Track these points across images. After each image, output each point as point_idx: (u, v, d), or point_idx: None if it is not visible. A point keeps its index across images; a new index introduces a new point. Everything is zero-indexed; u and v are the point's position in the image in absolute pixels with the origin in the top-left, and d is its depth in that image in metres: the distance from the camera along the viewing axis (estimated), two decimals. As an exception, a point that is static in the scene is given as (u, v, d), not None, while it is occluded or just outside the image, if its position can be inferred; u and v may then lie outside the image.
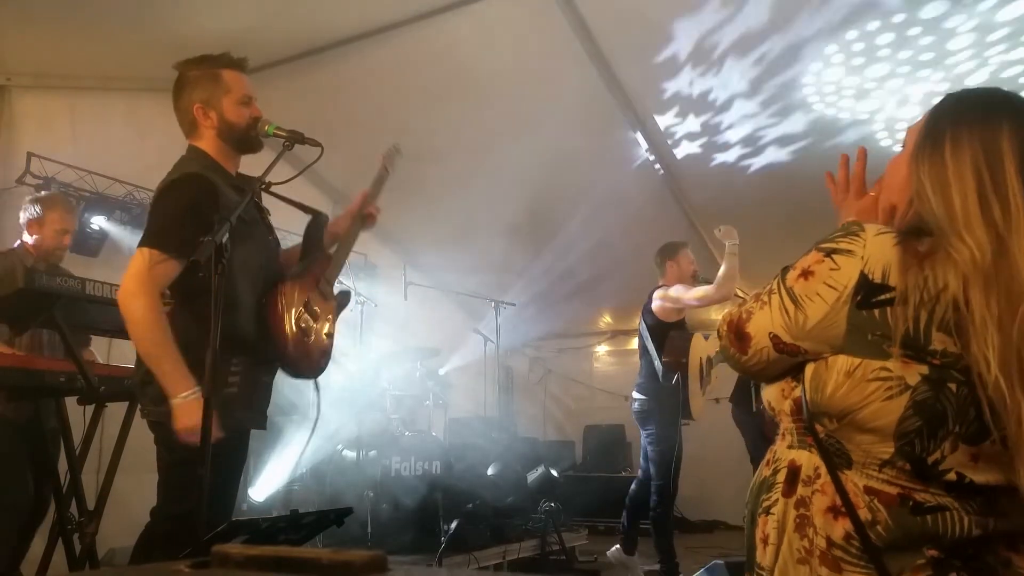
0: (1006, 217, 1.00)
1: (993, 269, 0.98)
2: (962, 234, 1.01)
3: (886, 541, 1.01)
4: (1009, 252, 0.98)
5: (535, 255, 6.35)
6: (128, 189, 4.78)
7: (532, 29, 4.54)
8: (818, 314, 1.06)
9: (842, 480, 1.05)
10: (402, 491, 4.28)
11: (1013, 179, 1.01)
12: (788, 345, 1.10)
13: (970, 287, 0.98)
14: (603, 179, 5.63)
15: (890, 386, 1.01)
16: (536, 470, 5.25)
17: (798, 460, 1.12)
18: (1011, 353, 0.95)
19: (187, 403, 1.90)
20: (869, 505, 1.03)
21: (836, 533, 1.04)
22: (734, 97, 4.77)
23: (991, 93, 1.13)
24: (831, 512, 1.05)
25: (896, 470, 1.02)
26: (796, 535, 1.07)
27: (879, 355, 1.02)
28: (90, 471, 3.02)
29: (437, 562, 3.86)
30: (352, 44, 4.74)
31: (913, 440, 1.00)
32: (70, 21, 4.05)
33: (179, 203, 2.01)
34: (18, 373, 2.36)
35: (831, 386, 1.05)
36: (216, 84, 2.16)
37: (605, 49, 4.61)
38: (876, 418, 1.02)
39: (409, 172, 5.78)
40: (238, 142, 2.19)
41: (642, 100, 5.02)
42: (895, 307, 1.01)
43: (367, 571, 0.61)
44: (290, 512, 1.90)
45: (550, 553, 4.66)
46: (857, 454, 1.05)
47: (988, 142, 1.04)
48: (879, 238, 1.06)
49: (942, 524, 1.00)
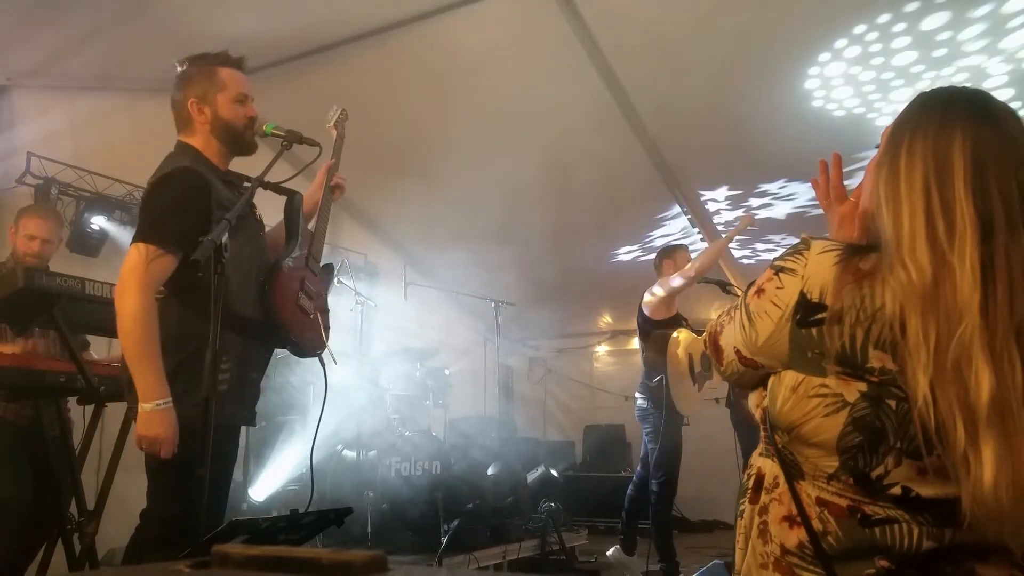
0: (950, 237, 0.97)
1: (933, 292, 0.96)
2: (904, 257, 0.99)
3: (837, 552, 1.02)
4: (951, 275, 0.96)
5: (535, 255, 6.35)
6: (128, 189, 4.78)
7: (533, 29, 4.54)
8: (766, 332, 1.09)
9: (797, 490, 1.06)
10: (402, 491, 4.28)
11: (962, 195, 0.98)
12: (748, 359, 1.14)
13: (907, 310, 0.97)
14: (603, 179, 5.63)
15: (829, 402, 1.02)
16: (536, 470, 5.26)
17: (763, 468, 1.15)
18: (946, 377, 0.94)
19: (156, 412, 1.87)
20: (820, 516, 1.04)
21: (790, 541, 1.05)
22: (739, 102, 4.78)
23: (952, 95, 1.09)
24: (786, 521, 1.07)
25: (842, 483, 1.03)
26: (759, 541, 1.10)
27: (819, 372, 1.03)
28: (90, 471, 3.02)
29: (437, 562, 3.86)
30: (352, 44, 4.74)
31: (855, 455, 1.00)
32: (70, 21, 4.05)
33: (172, 197, 2.01)
34: (18, 373, 2.36)
35: (779, 401, 1.07)
36: (212, 80, 2.17)
37: (606, 50, 4.61)
38: (818, 433, 1.03)
39: (409, 172, 5.81)
40: (231, 140, 2.20)
41: (642, 100, 5.02)
42: (829, 326, 1.01)
43: (367, 571, 0.61)
44: (290, 512, 1.90)
45: (550, 553, 4.66)
46: (807, 466, 1.07)
47: (940, 154, 1.01)
48: (821, 256, 1.06)
49: (891, 536, 1.00)
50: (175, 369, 1.96)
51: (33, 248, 3.16)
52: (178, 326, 1.98)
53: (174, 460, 1.91)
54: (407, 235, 6.99)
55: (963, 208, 0.98)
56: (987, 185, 0.98)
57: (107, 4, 3.99)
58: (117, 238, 4.63)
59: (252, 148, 2.25)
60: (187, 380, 1.95)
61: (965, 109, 1.05)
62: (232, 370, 2.06)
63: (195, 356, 1.93)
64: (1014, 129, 1.04)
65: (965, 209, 0.98)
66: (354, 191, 6.53)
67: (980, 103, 1.07)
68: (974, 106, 1.06)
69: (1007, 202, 0.97)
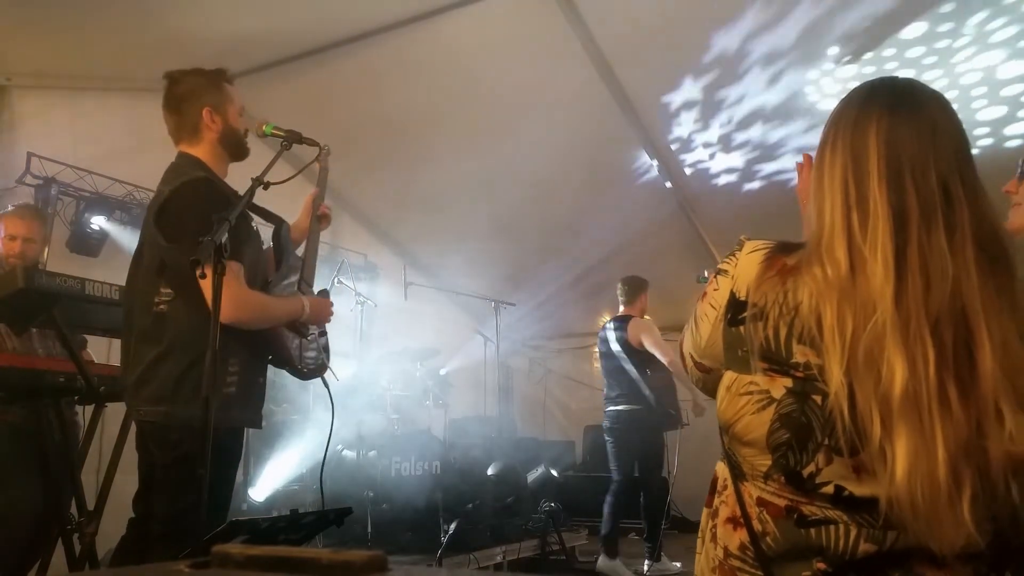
0: (864, 230, 0.97)
1: (849, 284, 0.96)
2: (823, 251, 1.00)
3: (775, 552, 1.00)
4: (865, 267, 0.96)
5: (535, 255, 6.35)
6: (128, 189, 4.78)
7: (533, 29, 4.54)
8: (706, 333, 1.11)
9: (741, 491, 1.05)
10: (402, 491, 4.28)
11: (875, 188, 0.98)
12: (699, 364, 1.16)
13: (822, 304, 0.97)
14: (603, 179, 5.64)
15: (757, 399, 1.01)
16: (536, 470, 5.26)
17: (718, 471, 1.15)
18: (860, 369, 0.93)
19: (314, 305, 2.24)
20: (759, 517, 1.02)
21: (733, 543, 1.04)
22: (742, 101, 4.77)
23: (873, 87, 1.08)
24: (730, 523, 1.06)
25: (777, 483, 1.01)
26: (712, 544, 1.09)
27: (749, 370, 1.03)
28: (90, 471, 3.02)
29: (437, 562, 3.86)
30: (352, 44, 4.74)
31: (785, 452, 0.99)
32: (70, 21, 4.05)
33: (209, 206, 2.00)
34: (18, 373, 2.36)
35: (718, 400, 1.08)
36: (222, 92, 2.25)
37: (606, 50, 4.61)
38: (749, 431, 1.02)
39: (409, 172, 5.81)
40: (235, 149, 2.27)
41: (642, 101, 5.02)
42: (753, 322, 1.02)
43: (367, 571, 0.61)
44: (290, 512, 1.90)
45: (550, 553, 4.66)
46: (746, 466, 1.06)
47: (857, 148, 1.01)
48: (750, 256, 1.07)
49: (826, 537, 0.98)
50: (184, 371, 1.98)
51: (15, 249, 3.13)
52: (187, 329, 1.99)
53: (183, 455, 1.93)
54: (407, 235, 6.99)
55: (876, 201, 0.98)
56: (901, 178, 0.98)
57: (107, 4, 3.99)
58: (117, 238, 4.63)
59: (247, 154, 2.33)
60: (194, 382, 1.96)
61: (884, 100, 1.04)
62: (239, 374, 2.08)
63: (201, 359, 1.93)
64: (936, 118, 1.02)
65: (879, 202, 0.97)
66: (354, 191, 6.57)
67: (900, 93, 1.05)
68: (893, 96, 1.05)
69: (922, 194, 0.97)
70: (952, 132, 1.02)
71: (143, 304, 2.07)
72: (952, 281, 0.93)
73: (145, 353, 2.03)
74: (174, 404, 1.98)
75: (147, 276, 2.08)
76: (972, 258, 0.95)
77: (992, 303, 0.94)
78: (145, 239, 2.15)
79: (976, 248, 0.96)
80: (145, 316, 2.05)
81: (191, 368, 1.98)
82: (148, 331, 2.04)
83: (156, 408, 1.99)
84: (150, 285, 2.06)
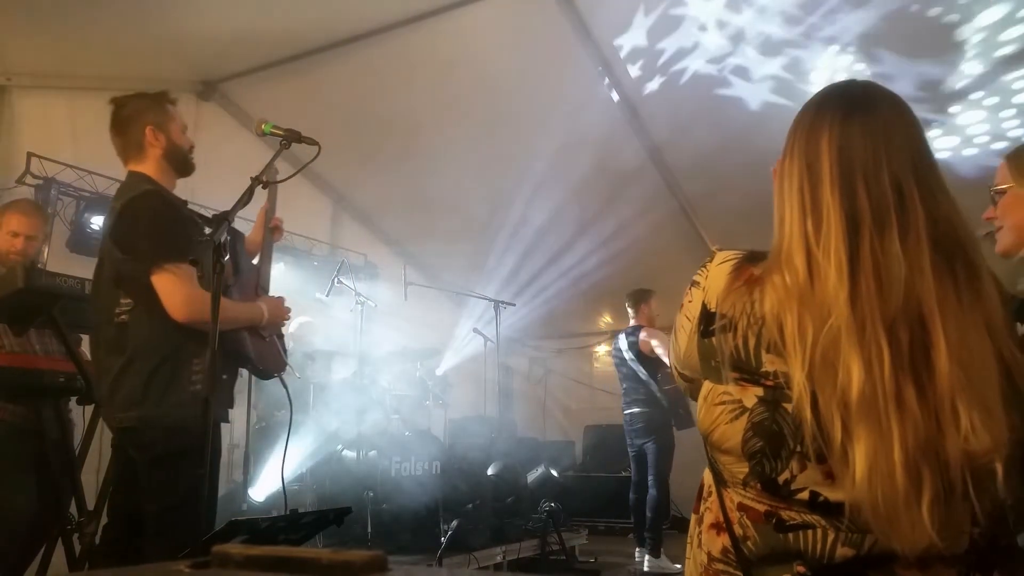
0: (818, 236, 0.99)
1: (808, 290, 0.97)
2: (782, 260, 1.01)
3: (755, 556, 1.01)
4: (820, 272, 0.97)
5: (535, 255, 6.35)
6: (128, 189, 4.78)
7: (533, 29, 4.54)
8: (683, 345, 1.13)
9: (723, 497, 1.06)
10: (402, 491, 4.28)
11: (828, 195, 1.00)
12: (681, 373, 1.19)
13: (783, 311, 0.98)
14: (604, 180, 5.63)
15: (731, 409, 1.02)
16: (536, 470, 5.25)
17: (704, 478, 1.15)
18: (820, 373, 0.94)
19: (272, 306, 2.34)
20: (740, 522, 1.03)
21: (716, 548, 1.05)
22: (739, 97, 4.78)
23: (827, 93, 1.10)
24: (714, 528, 1.07)
25: (755, 490, 1.02)
26: (698, 550, 1.10)
27: (722, 380, 1.04)
28: (90, 471, 3.02)
29: (437, 562, 3.86)
30: (352, 44, 4.74)
31: (761, 460, 1.00)
32: (70, 21, 4.05)
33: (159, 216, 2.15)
34: (18, 373, 2.36)
35: (697, 410, 1.09)
36: (164, 111, 2.33)
37: (606, 50, 4.61)
38: (725, 440, 1.03)
39: (409, 172, 5.81)
40: (180, 164, 2.36)
41: (643, 100, 5.02)
42: (723, 333, 1.03)
43: (367, 571, 0.61)
44: (289, 512, 1.91)
45: (550, 553, 4.66)
46: (726, 473, 1.06)
47: (811, 155, 1.03)
48: (720, 267, 1.08)
49: (803, 541, 0.98)
50: (149, 376, 2.06)
51: (17, 245, 3.12)
52: (148, 336, 2.07)
53: (161, 454, 2.03)
54: (407, 235, 6.99)
55: (829, 207, 0.99)
56: (853, 183, 0.99)
57: (107, 4, 3.99)
58: (117, 238, 4.63)
59: (192, 169, 2.42)
60: (161, 384, 2.06)
61: (836, 105, 1.05)
62: (203, 372, 2.12)
63: (165, 362, 2.07)
64: (890, 119, 1.03)
65: (831, 208, 0.99)
66: (354, 191, 6.57)
67: (853, 97, 1.06)
68: (846, 101, 1.06)
69: (874, 197, 0.98)
70: (907, 133, 1.02)
71: (105, 316, 2.14)
72: (906, 283, 0.94)
73: (112, 364, 2.10)
74: (144, 407, 2.05)
75: (107, 288, 2.16)
76: (928, 258, 0.95)
77: (948, 302, 0.94)
78: (104, 253, 2.23)
79: (932, 248, 0.96)
80: (108, 327, 2.13)
81: (156, 372, 2.06)
82: (112, 342, 2.12)
83: (128, 414, 2.06)
84: (110, 297, 2.14)
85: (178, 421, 2.03)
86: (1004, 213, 1.54)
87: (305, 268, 5.93)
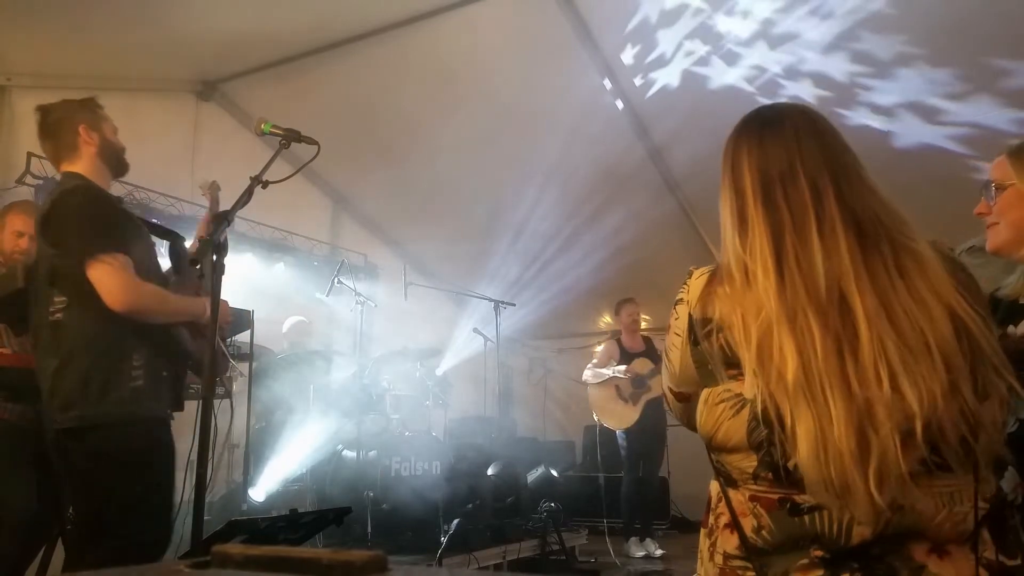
0: (745, 246, 1.10)
1: (745, 293, 1.07)
2: (722, 273, 1.13)
3: (771, 544, 1.04)
4: (751, 276, 1.08)
5: (535, 254, 6.35)
6: (128, 189, 4.77)
7: (533, 29, 4.54)
8: (677, 361, 1.19)
9: (731, 496, 1.10)
10: (402, 491, 4.28)
11: (752, 210, 1.11)
12: (677, 393, 1.23)
13: (729, 314, 1.08)
14: (604, 180, 5.63)
15: (732, 404, 1.09)
16: (536, 470, 5.25)
17: (710, 490, 1.19)
18: (763, 363, 1.03)
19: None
20: (754, 511, 1.07)
21: (730, 545, 1.09)
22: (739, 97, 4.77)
23: (744, 121, 1.21)
24: (728, 528, 1.10)
25: (767, 481, 1.06)
26: (711, 563, 1.13)
27: (720, 380, 1.12)
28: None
29: (437, 562, 3.85)
30: (352, 44, 4.74)
31: (768, 450, 1.04)
32: (70, 21, 4.05)
33: (104, 207, 2.14)
34: (19, 373, 2.36)
35: (698, 417, 1.14)
36: (95, 113, 2.33)
37: (605, 49, 4.61)
38: (730, 436, 1.08)
39: (409, 172, 5.81)
40: (115, 163, 2.35)
41: (643, 100, 5.02)
42: (708, 336, 1.11)
43: (367, 571, 0.61)
44: (289, 512, 1.90)
45: (550, 553, 4.66)
46: (735, 473, 1.11)
47: (736, 178, 1.15)
48: (697, 280, 1.18)
49: (819, 523, 1.01)
50: (87, 372, 2.02)
51: (22, 245, 3.12)
52: (84, 333, 2.04)
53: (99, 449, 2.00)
54: (407, 235, 6.99)
55: (754, 219, 1.11)
56: (773, 194, 1.11)
57: (107, 4, 3.99)
58: (117, 238, 4.63)
59: (126, 170, 2.41)
60: (100, 382, 2.02)
61: (751, 130, 1.18)
62: (144, 367, 2.11)
63: (103, 359, 2.03)
64: (799, 127, 1.14)
65: (755, 220, 1.11)
66: (354, 191, 6.57)
67: (764, 118, 1.19)
68: (758, 124, 1.19)
69: (792, 201, 1.09)
70: (818, 138, 1.14)
71: (41, 318, 2.11)
72: (825, 270, 1.04)
73: (48, 365, 2.07)
74: (83, 407, 2.01)
75: (42, 289, 2.13)
76: (844, 243, 1.05)
77: (863, 277, 1.03)
78: (39, 253, 2.21)
79: (854, 234, 1.06)
80: (44, 329, 2.10)
81: (93, 370, 2.03)
82: (47, 342, 2.09)
83: (68, 415, 2.02)
84: (45, 297, 2.11)
85: (120, 419, 2.00)
86: (1002, 210, 1.53)
87: (305, 268, 5.93)
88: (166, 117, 5.17)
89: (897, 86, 4.40)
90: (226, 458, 4.81)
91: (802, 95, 4.59)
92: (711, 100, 4.80)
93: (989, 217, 1.56)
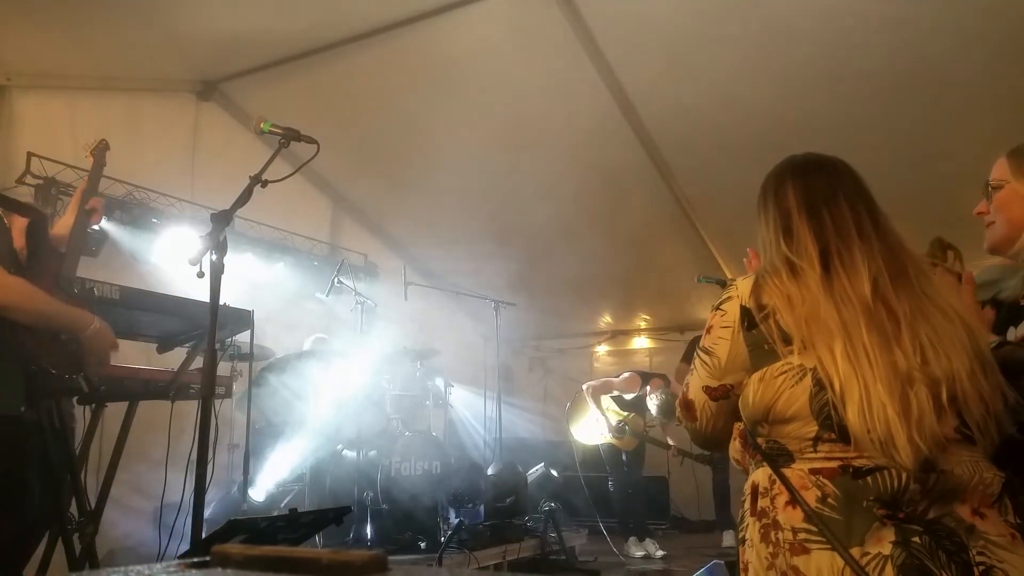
0: (791, 247, 1.28)
1: (793, 285, 1.24)
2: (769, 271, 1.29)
3: (837, 510, 1.13)
4: (799, 270, 1.25)
5: (535, 255, 6.35)
6: (128, 189, 4.79)
7: (533, 29, 4.54)
8: (725, 352, 1.30)
9: (787, 475, 1.20)
10: (402, 491, 4.28)
11: (798, 220, 1.30)
12: (717, 388, 1.32)
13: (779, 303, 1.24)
14: (604, 180, 5.63)
15: (793, 374, 1.20)
16: (536, 470, 5.26)
17: (755, 479, 1.27)
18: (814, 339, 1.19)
19: (102, 327, 2.07)
20: (817, 483, 1.16)
21: (796, 520, 1.16)
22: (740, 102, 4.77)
23: (783, 163, 1.41)
24: (790, 504, 1.18)
25: (829, 444, 1.17)
26: (762, 545, 1.20)
27: (778, 358, 1.23)
28: (90, 471, 3.01)
29: (437, 562, 3.86)
30: (352, 44, 4.74)
31: (829, 412, 1.15)
32: (70, 21, 4.05)
33: None
34: (18, 373, 2.34)
35: (751, 395, 1.24)
36: None
37: (606, 49, 4.61)
38: (790, 404, 1.19)
39: (409, 172, 5.81)
40: None
41: (643, 100, 5.02)
42: (765, 320, 1.25)
43: (367, 571, 0.61)
44: (289, 511, 1.90)
45: (550, 553, 4.66)
46: (792, 444, 1.21)
47: (781, 200, 1.34)
48: (745, 281, 1.32)
49: (881, 482, 1.12)
50: None
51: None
52: None
53: None
54: (407, 235, 6.99)
55: (799, 227, 1.29)
56: (818, 209, 1.30)
57: (107, 4, 3.99)
58: (117, 238, 4.63)
59: None
60: None
61: (794, 167, 1.38)
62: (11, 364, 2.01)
63: None
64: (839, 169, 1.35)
65: (800, 227, 1.29)
66: (355, 191, 6.57)
67: (806, 160, 1.39)
68: (799, 163, 1.39)
69: (835, 215, 1.28)
70: (854, 179, 1.34)
71: None
72: (871, 273, 1.21)
73: None
74: None
75: None
76: (881, 259, 1.24)
77: (906, 289, 1.21)
78: None
79: (882, 247, 1.25)
80: None
81: None
82: None
83: None
84: None
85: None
86: (999, 208, 1.56)
87: (305, 268, 5.93)
88: (166, 117, 5.18)
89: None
90: (226, 458, 4.81)
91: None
92: (712, 100, 4.80)
93: (987, 216, 1.58)
